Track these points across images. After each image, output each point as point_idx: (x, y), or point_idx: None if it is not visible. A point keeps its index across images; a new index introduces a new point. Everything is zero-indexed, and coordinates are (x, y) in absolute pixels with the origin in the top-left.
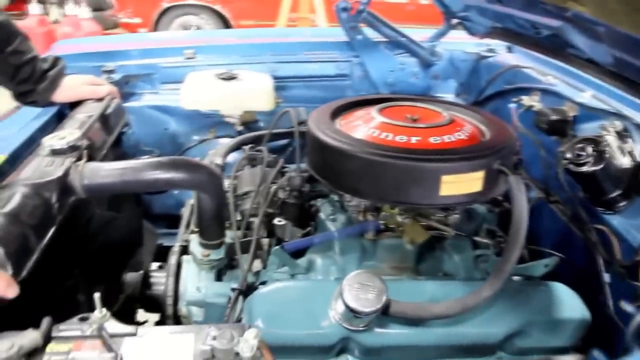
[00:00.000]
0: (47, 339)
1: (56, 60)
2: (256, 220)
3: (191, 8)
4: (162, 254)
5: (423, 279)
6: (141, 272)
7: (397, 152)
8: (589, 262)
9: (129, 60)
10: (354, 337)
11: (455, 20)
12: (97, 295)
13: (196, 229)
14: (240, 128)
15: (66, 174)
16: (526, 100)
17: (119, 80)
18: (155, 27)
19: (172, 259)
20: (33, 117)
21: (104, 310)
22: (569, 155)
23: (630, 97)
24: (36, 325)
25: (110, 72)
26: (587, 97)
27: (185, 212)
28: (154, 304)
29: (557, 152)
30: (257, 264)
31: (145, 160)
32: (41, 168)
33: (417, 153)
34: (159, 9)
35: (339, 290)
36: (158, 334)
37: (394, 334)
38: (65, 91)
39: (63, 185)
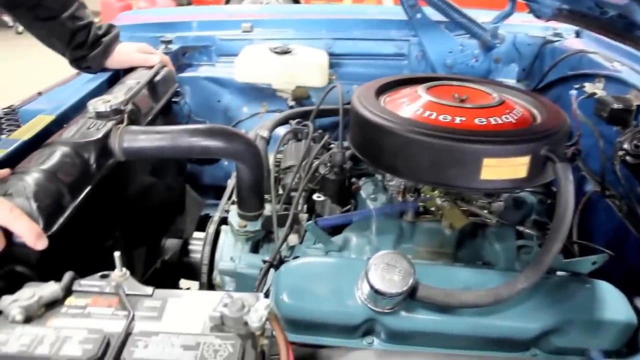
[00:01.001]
0: (68, 292)
1: (110, 27)
2: (295, 195)
3: None
4: (206, 224)
5: (459, 266)
6: (181, 239)
7: (436, 131)
8: None
9: (187, 32)
10: (380, 319)
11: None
12: (117, 254)
13: (236, 200)
14: (292, 103)
15: (106, 136)
16: (589, 87)
17: (177, 50)
18: (227, 3)
19: (210, 228)
20: (86, 81)
21: (124, 269)
22: (626, 147)
23: None
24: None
25: (169, 42)
26: None
27: (230, 183)
28: (190, 271)
29: (615, 143)
30: (294, 239)
31: (183, 127)
32: (83, 129)
33: (458, 133)
34: None
35: (365, 269)
36: (173, 297)
37: (421, 319)
38: (118, 57)
39: (102, 147)
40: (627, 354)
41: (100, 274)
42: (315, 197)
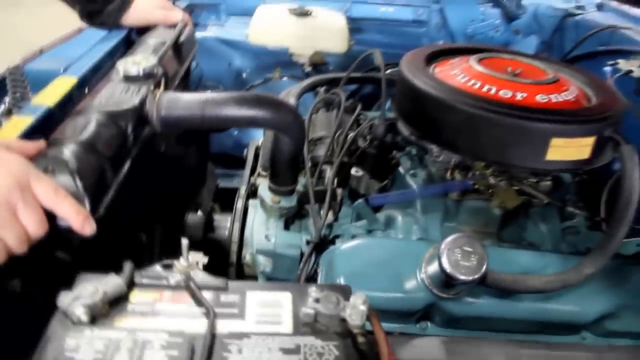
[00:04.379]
0: (130, 285)
1: None
2: (332, 169)
3: None
4: (218, 195)
5: (508, 247)
6: (203, 214)
7: (504, 108)
8: None
9: None
10: (441, 304)
11: None
12: (185, 242)
13: (264, 173)
14: (308, 69)
15: (142, 103)
16: (623, 63)
17: (184, 9)
18: None
19: (239, 203)
20: (99, 39)
21: (191, 258)
22: None
23: None
24: (106, 268)
25: None
26: None
27: (250, 154)
28: (216, 249)
29: None
30: (329, 216)
31: (227, 94)
32: (116, 95)
33: (527, 111)
34: None
35: (432, 253)
36: (250, 290)
37: (483, 304)
38: (136, 13)
39: (139, 115)
40: None
41: (161, 263)
42: (353, 171)
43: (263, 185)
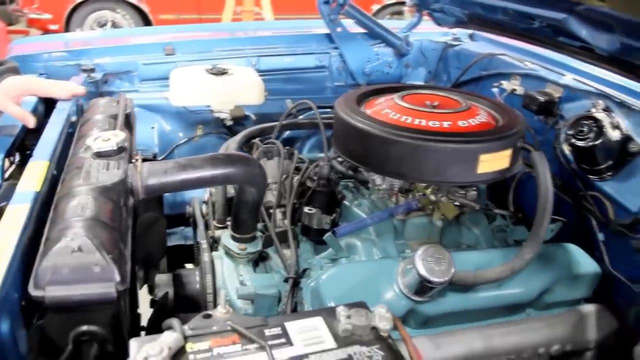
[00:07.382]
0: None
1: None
2: (286, 210)
3: (106, 2)
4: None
5: (453, 251)
6: (170, 273)
7: (439, 136)
8: (581, 225)
9: (103, 58)
10: (418, 308)
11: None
12: (222, 293)
13: (219, 225)
14: (230, 123)
15: (126, 175)
16: (506, 84)
17: (100, 79)
18: (67, 24)
19: (205, 256)
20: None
21: (227, 306)
22: (570, 132)
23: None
24: None
25: (91, 70)
26: (569, 79)
27: (196, 210)
28: (190, 303)
29: (556, 129)
30: (289, 252)
31: (201, 157)
32: (99, 172)
33: (456, 135)
34: (70, 3)
35: (404, 266)
36: (287, 322)
37: (451, 301)
38: None
39: (126, 187)
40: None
41: (201, 314)
42: (306, 210)
43: (225, 236)
